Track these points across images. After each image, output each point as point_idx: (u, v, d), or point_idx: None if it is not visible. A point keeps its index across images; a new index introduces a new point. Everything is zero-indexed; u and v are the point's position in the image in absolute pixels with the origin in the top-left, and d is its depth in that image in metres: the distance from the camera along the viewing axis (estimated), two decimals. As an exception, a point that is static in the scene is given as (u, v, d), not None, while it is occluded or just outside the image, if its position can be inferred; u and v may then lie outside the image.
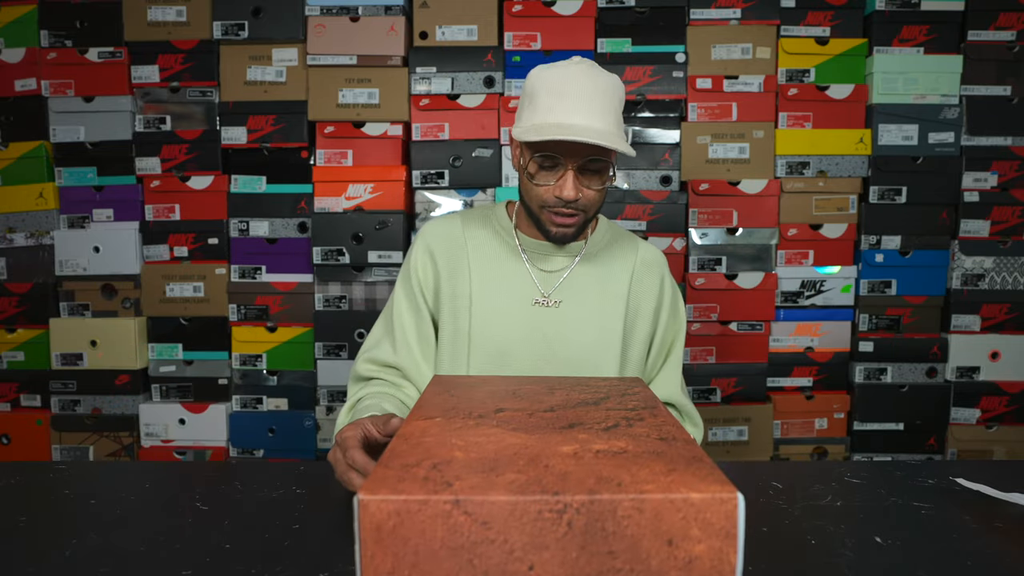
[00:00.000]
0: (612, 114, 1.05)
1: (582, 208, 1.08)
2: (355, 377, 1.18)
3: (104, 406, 2.04)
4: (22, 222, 2.04)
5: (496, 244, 1.18)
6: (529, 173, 1.08)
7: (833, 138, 1.96)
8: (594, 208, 1.10)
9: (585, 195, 1.07)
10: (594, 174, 1.07)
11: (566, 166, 1.05)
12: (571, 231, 1.11)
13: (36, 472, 0.88)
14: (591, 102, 1.03)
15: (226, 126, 1.99)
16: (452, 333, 1.14)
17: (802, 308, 2.01)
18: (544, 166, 1.07)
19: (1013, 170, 1.97)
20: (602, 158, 1.05)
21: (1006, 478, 0.83)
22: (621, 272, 1.18)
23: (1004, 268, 1.99)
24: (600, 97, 1.04)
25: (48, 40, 1.99)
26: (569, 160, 1.04)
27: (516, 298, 1.15)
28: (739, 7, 1.95)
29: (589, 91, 1.04)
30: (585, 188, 1.07)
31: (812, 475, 0.87)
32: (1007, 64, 1.95)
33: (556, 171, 1.06)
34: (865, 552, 0.66)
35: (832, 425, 2.03)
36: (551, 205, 1.08)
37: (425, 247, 1.18)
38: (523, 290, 1.15)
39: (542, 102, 1.05)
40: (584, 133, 0.99)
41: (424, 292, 1.17)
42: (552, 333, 1.14)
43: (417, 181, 1.99)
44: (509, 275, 1.16)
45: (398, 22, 1.94)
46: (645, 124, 1.99)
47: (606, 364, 1.15)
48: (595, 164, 1.05)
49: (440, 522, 0.41)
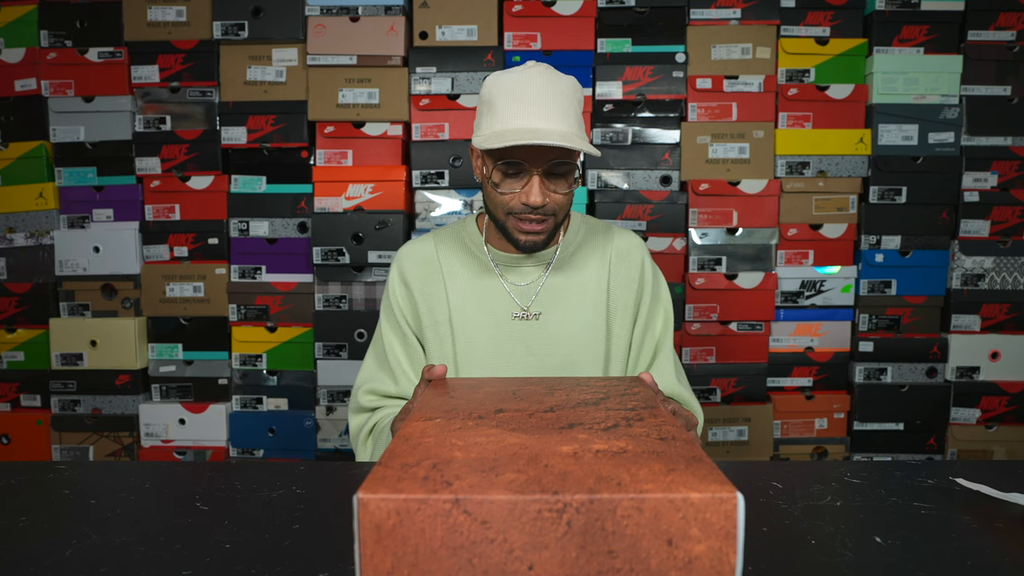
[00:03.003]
0: (573, 116, 1.04)
1: (550, 213, 1.06)
2: (358, 409, 1.17)
3: (104, 406, 2.04)
4: (22, 222, 2.04)
5: (468, 262, 1.17)
6: (494, 182, 1.06)
7: (833, 138, 1.96)
8: (562, 212, 1.08)
9: (552, 199, 1.05)
10: (559, 178, 1.05)
11: (531, 172, 1.03)
12: (541, 238, 1.08)
13: (36, 472, 0.88)
14: (551, 105, 1.02)
15: (226, 126, 1.99)
16: (439, 359, 1.14)
17: (802, 308, 2.01)
18: (508, 173, 1.04)
19: (1013, 170, 1.97)
20: (567, 161, 1.04)
21: (1006, 478, 0.83)
22: (597, 270, 1.17)
23: (1004, 268, 1.98)
24: (560, 99, 1.03)
25: (48, 40, 1.99)
26: (533, 165, 1.02)
27: (495, 315, 1.14)
28: (739, 7, 1.95)
29: (548, 94, 1.02)
30: (552, 192, 1.04)
31: (812, 475, 0.87)
32: (1007, 64, 1.95)
33: (521, 178, 1.04)
34: (865, 552, 0.66)
35: (832, 425, 2.03)
36: (517, 212, 1.05)
37: (399, 276, 1.17)
38: (501, 306, 1.14)
39: (501, 109, 1.03)
40: (548, 136, 0.98)
41: (407, 319, 1.16)
42: (536, 346, 1.13)
43: (417, 181, 1.99)
44: (484, 293, 1.15)
45: (398, 22, 1.94)
46: (645, 124, 1.99)
47: (591, 366, 1.14)
48: (560, 167, 1.04)
49: (440, 521, 0.41)
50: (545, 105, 1.01)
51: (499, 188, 1.06)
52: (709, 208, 1.97)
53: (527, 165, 1.03)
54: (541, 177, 1.03)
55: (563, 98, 1.04)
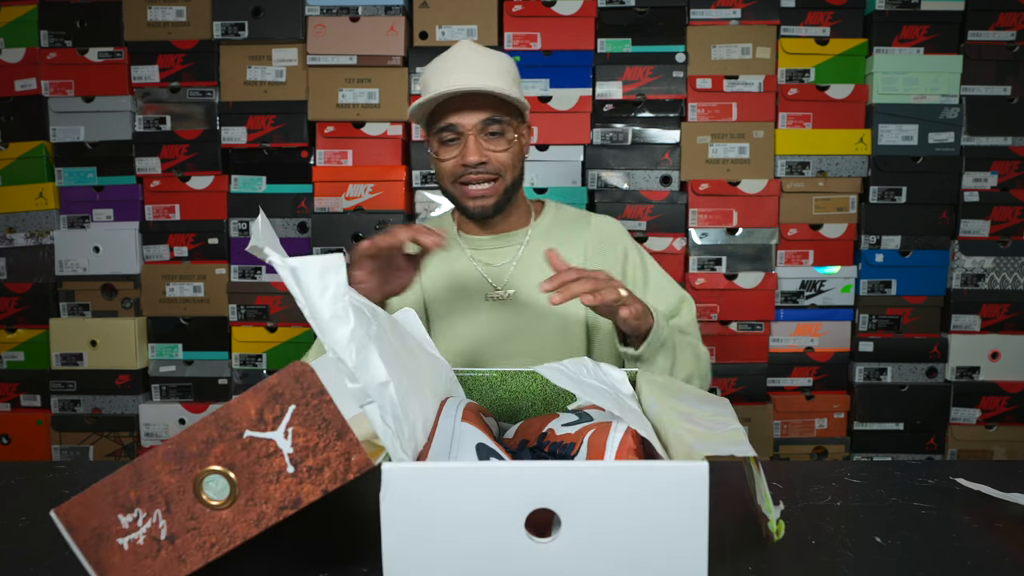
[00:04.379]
0: (503, 78, 1.06)
1: (493, 172, 1.08)
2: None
3: (104, 406, 2.04)
4: (22, 222, 2.04)
5: (441, 250, 1.18)
6: (435, 154, 1.10)
7: (833, 138, 1.96)
8: (510, 173, 1.10)
9: (493, 159, 1.07)
10: (496, 137, 1.08)
11: (465, 134, 1.06)
12: (490, 201, 1.10)
13: (36, 472, 0.88)
14: (475, 66, 1.05)
15: (226, 126, 1.99)
16: None
17: (802, 308, 2.01)
18: (445, 140, 1.08)
19: (1013, 170, 1.97)
20: (500, 118, 1.06)
21: (1006, 478, 0.83)
22: (571, 255, 1.16)
23: (1004, 268, 1.98)
24: (487, 61, 1.06)
25: (48, 40, 1.99)
26: (466, 127, 1.06)
27: (468, 297, 1.15)
28: (739, 7, 1.95)
29: (473, 58, 1.06)
30: (490, 152, 1.07)
31: (812, 475, 0.87)
32: (1007, 64, 1.95)
33: (458, 144, 1.07)
34: (865, 552, 0.66)
35: (832, 425, 2.03)
36: (461, 177, 1.08)
37: None
38: (474, 287, 1.15)
39: (430, 80, 1.07)
40: (469, 84, 1.02)
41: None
42: (511, 327, 1.13)
43: (417, 181, 1.99)
44: (457, 275, 1.16)
45: (398, 22, 1.94)
46: (645, 124, 1.99)
47: (570, 341, 1.13)
48: (494, 126, 1.07)
49: None
50: (469, 66, 1.05)
51: (439, 156, 1.09)
52: (709, 208, 1.97)
53: (460, 127, 1.06)
54: (476, 136, 1.06)
55: (491, 60, 1.07)
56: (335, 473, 0.50)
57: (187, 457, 0.51)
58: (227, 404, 0.49)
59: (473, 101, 1.06)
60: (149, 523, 0.53)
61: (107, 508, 0.54)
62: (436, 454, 0.59)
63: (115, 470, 0.55)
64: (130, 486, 0.53)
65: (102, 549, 0.55)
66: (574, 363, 0.72)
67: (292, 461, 0.50)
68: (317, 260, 0.57)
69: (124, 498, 0.54)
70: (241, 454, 0.50)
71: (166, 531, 0.54)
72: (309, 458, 0.50)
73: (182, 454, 0.51)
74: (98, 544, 0.55)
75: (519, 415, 0.85)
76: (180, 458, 0.52)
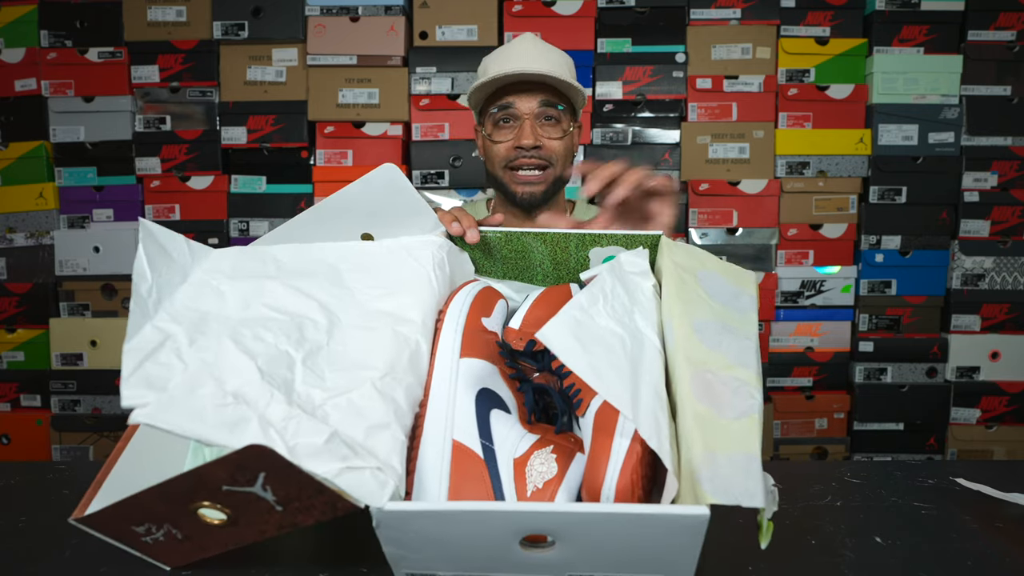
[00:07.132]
0: (559, 68, 1.08)
1: (546, 159, 1.09)
2: None
3: (104, 406, 2.04)
4: (22, 222, 2.04)
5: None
6: (489, 135, 1.11)
7: (833, 138, 1.96)
8: (560, 162, 1.11)
9: (547, 144, 1.09)
10: (551, 123, 1.09)
11: (521, 117, 1.08)
12: (539, 188, 1.11)
13: (36, 472, 0.88)
14: (536, 56, 1.07)
15: (226, 126, 1.99)
16: None
17: (802, 308, 2.01)
18: (501, 121, 1.09)
19: (1013, 170, 1.97)
20: (557, 103, 1.08)
21: (1006, 478, 0.83)
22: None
23: (1004, 268, 1.98)
24: (549, 52, 1.08)
25: (48, 40, 1.99)
26: (523, 110, 1.07)
27: None
28: (739, 7, 1.95)
29: (535, 49, 1.08)
30: (544, 138, 1.09)
31: (812, 475, 0.87)
32: (1007, 64, 1.95)
33: (513, 126, 1.09)
34: (865, 552, 0.66)
35: (832, 425, 2.03)
36: (513, 161, 1.09)
37: None
38: None
39: (490, 66, 1.09)
40: (530, 68, 1.03)
41: None
42: None
43: (417, 181, 1.99)
44: None
45: (398, 22, 1.94)
46: (645, 124, 1.99)
47: None
48: (551, 110, 1.08)
49: None
50: (530, 55, 1.07)
51: (493, 137, 1.11)
52: (709, 208, 1.97)
53: (516, 109, 1.08)
54: (532, 121, 1.08)
55: (550, 53, 1.09)
56: (323, 513, 0.51)
57: (174, 498, 0.52)
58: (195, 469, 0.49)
59: (532, 87, 1.08)
60: (163, 530, 0.55)
61: (119, 523, 0.56)
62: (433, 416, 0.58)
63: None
64: (132, 510, 0.54)
65: (130, 543, 0.59)
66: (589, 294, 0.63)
67: (278, 503, 0.50)
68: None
69: (130, 519, 0.55)
70: (226, 498, 0.51)
71: (181, 534, 0.56)
72: (295, 502, 0.50)
73: (168, 496, 0.52)
74: (122, 540, 0.59)
75: (528, 272, 0.84)
76: (168, 499, 0.52)
